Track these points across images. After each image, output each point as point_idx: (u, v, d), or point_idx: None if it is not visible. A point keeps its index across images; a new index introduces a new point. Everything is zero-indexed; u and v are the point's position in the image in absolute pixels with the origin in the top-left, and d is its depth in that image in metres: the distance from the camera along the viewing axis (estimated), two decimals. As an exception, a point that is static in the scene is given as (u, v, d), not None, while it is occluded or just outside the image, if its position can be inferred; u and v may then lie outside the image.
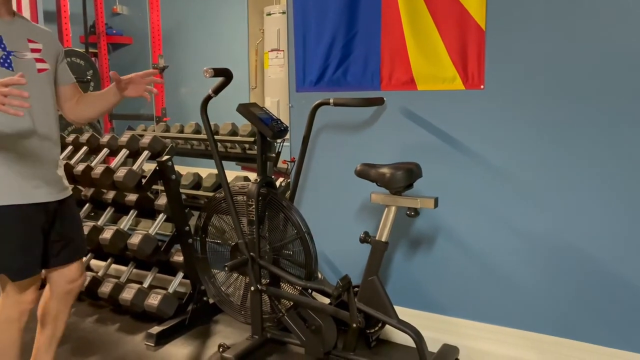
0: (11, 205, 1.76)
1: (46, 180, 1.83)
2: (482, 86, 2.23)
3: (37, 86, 1.79)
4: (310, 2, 2.58)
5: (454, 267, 2.40)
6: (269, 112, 2.40)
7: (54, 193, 1.86)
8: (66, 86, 1.95)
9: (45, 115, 1.83)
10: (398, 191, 2.07)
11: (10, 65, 1.74)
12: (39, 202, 1.81)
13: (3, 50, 1.73)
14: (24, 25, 1.85)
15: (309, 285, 2.27)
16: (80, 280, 2.03)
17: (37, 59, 1.82)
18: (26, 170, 1.78)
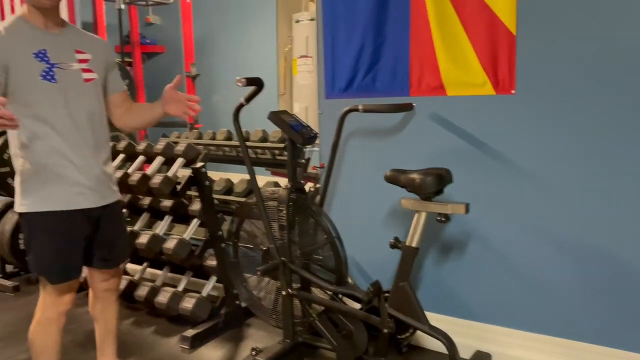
0: (54, 211, 1.84)
1: (89, 187, 1.90)
2: (512, 91, 2.22)
3: (82, 95, 1.88)
4: (339, 9, 2.61)
5: (486, 273, 2.39)
6: (299, 119, 2.44)
7: (97, 199, 1.93)
8: (116, 94, 2.03)
9: (91, 123, 1.90)
10: (428, 197, 2.07)
11: (53, 78, 1.81)
12: (81, 208, 1.88)
13: (47, 63, 1.81)
14: (73, 36, 1.93)
15: (340, 290, 2.29)
16: (114, 279, 2.12)
17: (84, 69, 1.89)
18: (70, 177, 1.85)
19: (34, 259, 1.89)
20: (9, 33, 1.78)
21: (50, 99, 1.81)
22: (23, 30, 1.81)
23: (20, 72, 1.76)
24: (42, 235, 1.86)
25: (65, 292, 1.93)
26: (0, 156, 3.46)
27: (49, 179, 1.83)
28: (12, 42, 1.77)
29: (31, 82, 1.78)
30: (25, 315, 3.04)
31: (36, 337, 1.96)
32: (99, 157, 1.94)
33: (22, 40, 1.79)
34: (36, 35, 1.82)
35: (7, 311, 3.15)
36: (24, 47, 1.78)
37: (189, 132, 4.42)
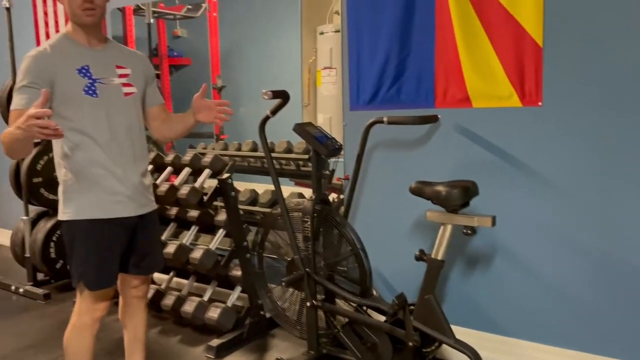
0: (95, 219, 1.91)
1: (128, 196, 1.96)
2: (539, 103, 2.20)
3: (122, 109, 1.95)
4: (364, 22, 2.63)
5: (513, 287, 2.36)
6: (324, 131, 2.46)
7: (134, 208, 1.99)
8: (154, 107, 2.12)
9: (130, 135, 1.97)
10: (454, 209, 2.06)
11: (95, 92, 1.89)
12: (120, 216, 1.95)
13: (89, 78, 1.89)
14: (114, 51, 2.01)
15: (364, 302, 2.29)
16: (143, 285, 2.17)
17: (124, 84, 1.97)
18: (109, 187, 1.92)
19: (75, 266, 1.96)
20: (54, 50, 1.87)
21: (92, 112, 1.89)
22: (67, 47, 1.90)
23: (64, 87, 1.84)
24: (82, 242, 1.93)
25: (101, 299, 1.99)
26: (33, 167, 3.57)
27: (90, 188, 1.90)
28: (57, 58, 1.85)
29: (74, 97, 1.86)
30: (56, 323, 3.13)
31: (71, 342, 2.02)
32: (137, 168, 2.00)
33: (66, 56, 1.87)
34: (79, 51, 1.91)
35: (38, 319, 3.23)
36: (68, 63, 1.87)
37: (215, 143, 4.48)
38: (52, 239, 3.57)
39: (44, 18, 4.15)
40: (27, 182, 3.54)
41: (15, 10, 3.64)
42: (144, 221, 2.04)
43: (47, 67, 1.82)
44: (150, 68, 2.13)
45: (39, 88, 1.75)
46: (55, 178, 3.57)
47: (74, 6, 1.85)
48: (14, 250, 3.79)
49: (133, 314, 2.19)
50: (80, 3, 1.84)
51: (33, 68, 1.81)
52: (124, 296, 2.18)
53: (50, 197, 3.65)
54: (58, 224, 3.58)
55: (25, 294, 3.57)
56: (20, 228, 3.71)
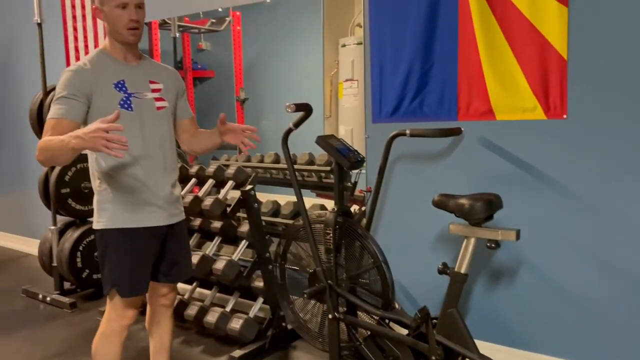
0: (128, 228, 1.96)
1: (159, 206, 2.02)
2: (564, 116, 2.18)
3: (155, 122, 2.01)
4: (386, 34, 2.65)
5: (539, 301, 2.33)
6: (346, 143, 2.47)
7: (165, 218, 2.04)
8: (184, 120, 2.18)
9: (162, 148, 2.03)
10: (478, 222, 2.05)
11: (130, 106, 1.96)
12: (152, 225, 2.00)
13: (124, 92, 1.95)
14: (148, 67, 2.07)
15: (387, 315, 2.28)
16: (170, 294, 2.21)
17: (156, 98, 2.04)
18: (142, 197, 1.98)
19: (107, 273, 2.00)
20: (93, 65, 1.93)
21: (127, 125, 1.92)
22: (104, 63, 1.96)
23: (101, 100, 1.91)
24: (115, 250, 1.98)
25: (130, 306, 2.04)
26: (62, 178, 3.65)
27: (123, 198, 1.96)
28: (95, 73, 1.92)
29: (111, 110, 1.89)
30: (82, 332, 3.18)
31: (99, 349, 2.06)
32: (168, 179, 2.06)
33: (104, 72, 1.94)
34: (116, 67, 1.97)
35: (64, 327, 3.29)
36: (105, 78, 1.93)
37: (238, 154, 4.53)
38: (79, 249, 3.64)
39: (74, 33, 4.27)
40: (56, 192, 3.63)
41: (46, 26, 3.75)
42: (174, 230, 2.09)
43: (86, 81, 1.89)
44: (181, 82, 2.19)
45: (78, 100, 1.85)
46: (83, 189, 3.65)
47: (120, 25, 1.91)
48: (42, 259, 3.88)
49: (160, 323, 2.23)
50: (127, 22, 1.90)
51: (73, 81, 1.87)
52: (152, 304, 2.22)
53: (78, 207, 3.73)
54: (85, 234, 3.66)
55: (52, 303, 3.64)
56: (48, 238, 3.79)
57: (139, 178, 1.97)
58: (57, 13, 4.29)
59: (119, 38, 1.95)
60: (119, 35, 1.94)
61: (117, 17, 1.90)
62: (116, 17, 1.90)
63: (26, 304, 3.71)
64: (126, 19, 1.90)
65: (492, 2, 2.30)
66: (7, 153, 5.24)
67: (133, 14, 1.90)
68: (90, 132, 1.61)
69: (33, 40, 4.15)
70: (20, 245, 5.19)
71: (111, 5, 1.90)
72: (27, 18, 4.34)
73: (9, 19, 4.87)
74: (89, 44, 4.19)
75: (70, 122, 1.84)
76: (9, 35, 4.92)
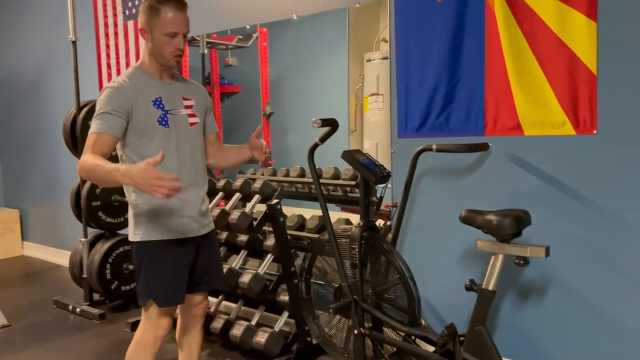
0: (163, 240, 2.03)
1: (192, 218, 2.09)
2: (594, 131, 2.15)
3: (188, 138, 2.09)
4: (412, 49, 2.66)
5: (569, 320, 2.28)
6: (372, 158, 2.47)
7: (198, 228, 2.11)
8: (211, 135, 2.25)
9: (194, 162, 2.11)
10: (506, 239, 2.03)
11: (167, 123, 2.03)
12: (186, 237, 2.07)
13: (162, 109, 2.02)
14: (181, 84, 2.15)
15: (413, 332, 2.26)
16: (202, 304, 2.26)
17: (189, 115, 2.11)
18: (176, 210, 2.04)
19: (144, 284, 2.06)
20: (132, 82, 1.99)
21: (164, 141, 2.02)
22: (143, 80, 2.03)
23: (141, 116, 1.97)
24: (152, 261, 2.04)
25: (165, 317, 2.08)
26: (93, 191, 3.74)
27: (159, 211, 2.03)
28: (135, 90, 1.98)
29: (149, 127, 1.99)
30: (110, 343, 3.23)
31: (132, 359, 2.11)
32: (199, 193, 2.13)
33: (143, 89, 2.01)
34: (153, 84, 2.04)
35: (93, 338, 3.35)
36: (144, 95, 2.00)
37: (264, 169, 4.57)
38: (108, 261, 3.71)
39: (106, 50, 4.40)
40: (87, 205, 3.71)
41: (80, 43, 3.87)
42: (205, 240, 2.17)
43: (127, 97, 1.95)
44: (209, 98, 2.26)
45: (119, 116, 1.92)
46: (113, 202, 3.72)
47: (167, 52, 1.98)
48: (72, 271, 3.96)
49: (190, 334, 2.27)
50: (174, 50, 1.97)
51: (114, 98, 1.93)
52: (184, 316, 2.27)
53: (108, 220, 3.81)
54: (114, 247, 3.73)
55: (82, 314, 3.71)
56: (79, 249, 3.88)
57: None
58: (90, 31, 4.43)
59: (162, 61, 2.02)
60: (163, 59, 2.01)
61: (165, 44, 1.97)
62: (164, 44, 1.97)
63: (57, 314, 3.79)
64: (173, 47, 1.97)
65: (519, 16, 2.29)
66: (40, 167, 5.40)
67: (180, 43, 1.98)
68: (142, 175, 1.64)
69: (67, 58, 4.29)
70: (51, 257, 5.31)
71: (161, 32, 1.96)
72: (62, 36, 4.50)
73: (45, 37, 5.04)
74: (121, 60, 4.31)
75: (110, 137, 1.91)
76: (45, 53, 5.09)
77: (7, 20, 5.53)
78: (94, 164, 1.79)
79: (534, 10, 2.25)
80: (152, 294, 2.04)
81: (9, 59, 5.60)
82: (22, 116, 5.50)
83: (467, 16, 2.44)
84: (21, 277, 4.87)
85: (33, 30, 5.19)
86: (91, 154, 1.84)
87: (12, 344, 3.29)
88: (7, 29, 5.56)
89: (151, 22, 1.96)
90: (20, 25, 5.35)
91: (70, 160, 4.36)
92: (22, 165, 5.60)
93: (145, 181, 1.65)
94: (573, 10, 2.15)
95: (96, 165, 1.79)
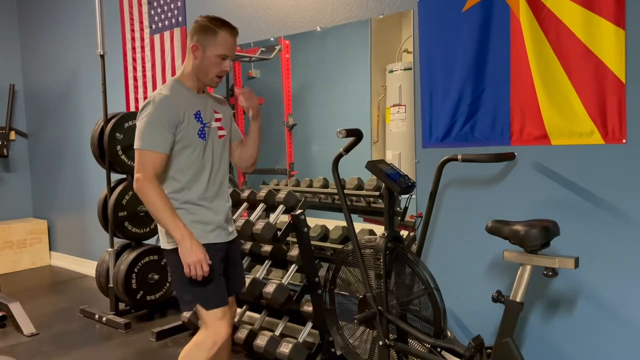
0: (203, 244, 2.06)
1: (220, 225, 2.17)
2: (623, 140, 2.12)
3: (219, 149, 2.16)
4: (436, 59, 2.66)
5: (599, 332, 2.23)
6: (396, 168, 2.47)
7: (226, 235, 2.20)
8: (236, 142, 2.32)
9: (223, 171, 2.20)
10: (534, 250, 1.99)
11: (205, 136, 2.10)
12: (218, 242, 2.14)
13: (201, 123, 2.09)
14: (210, 98, 2.21)
15: (439, 344, 2.24)
16: (233, 307, 2.34)
17: (219, 127, 2.17)
18: (208, 217, 2.12)
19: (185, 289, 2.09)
20: (177, 96, 2.05)
21: (202, 154, 2.10)
22: (183, 93, 2.08)
23: (185, 130, 2.04)
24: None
25: (223, 321, 2.10)
26: (119, 202, 3.80)
27: (194, 219, 2.09)
28: (179, 103, 2.04)
29: (191, 139, 2.06)
30: (135, 352, 3.26)
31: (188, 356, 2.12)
32: (225, 202, 2.22)
33: (185, 102, 2.06)
34: (192, 98, 2.10)
35: (119, 347, 3.39)
36: (187, 108, 2.05)
37: (288, 179, 4.59)
38: (134, 271, 3.75)
39: (133, 64, 4.49)
40: (113, 215, 3.77)
41: (107, 57, 3.97)
42: (232, 246, 2.24)
43: (175, 111, 2.01)
44: (231, 110, 2.32)
45: (171, 132, 2.00)
46: (139, 212, 3.78)
47: (212, 71, 2.06)
48: (99, 280, 4.02)
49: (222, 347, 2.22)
50: (220, 71, 2.05)
51: (166, 111, 1.99)
52: None
53: (134, 230, 3.86)
54: (140, 256, 3.77)
55: (108, 323, 3.75)
56: (105, 259, 3.94)
57: (207, 200, 2.12)
58: (117, 45, 4.54)
59: (205, 80, 2.09)
60: (207, 78, 2.08)
61: (214, 65, 2.04)
62: (213, 64, 2.04)
63: (83, 323, 3.84)
64: (220, 69, 2.05)
65: (544, 25, 2.28)
66: (68, 178, 5.51)
67: (227, 66, 2.05)
68: (198, 254, 1.96)
69: (95, 71, 4.40)
70: (78, 267, 5.41)
71: (214, 53, 2.03)
72: (90, 50, 4.61)
73: (74, 51, 5.18)
74: (147, 73, 4.40)
75: (165, 156, 2.00)
76: (73, 67, 5.23)
77: (37, 34, 5.70)
78: (164, 203, 1.96)
79: (560, 18, 2.23)
80: (197, 298, 2.08)
81: (38, 73, 5.76)
82: (51, 128, 5.64)
83: (492, 25, 2.43)
84: (49, 287, 4.96)
85: (62, 44, 5.33)
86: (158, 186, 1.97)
87: (40, 352, 3.34)
88: (37, 43, 5.73)
89: (205, 41, 2.03)
90: (50, 39, 5.51)
91: (97, 171, 4.45)
92: (50, 177, 5.73)
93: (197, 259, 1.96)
94: (600, 18, 2.13)
95: (164, 204, 1.96)
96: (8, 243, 5.46)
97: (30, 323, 3.71)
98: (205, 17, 2.08)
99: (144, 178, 1.96)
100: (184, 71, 2.12)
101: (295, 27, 3.42)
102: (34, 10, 5.66)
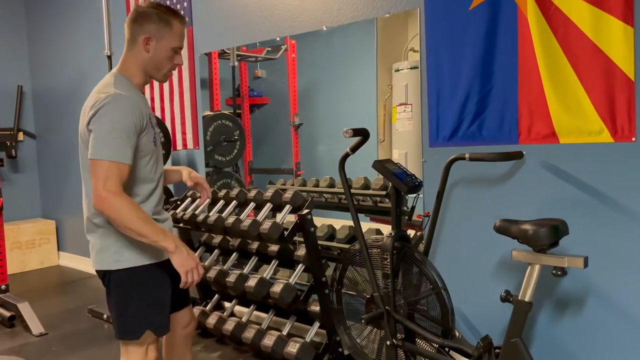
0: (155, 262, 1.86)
1: None
2: (633, 138, 2.10)
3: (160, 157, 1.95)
4: (443, 58, 2.64)
5: (609, 332, 2.21)
6: (403, 168, 2.46)
7: None
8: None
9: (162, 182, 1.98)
10: (542, 249, 1.98)
11: (156, 142, 1.88)
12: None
13: (153, 128, 1.87)
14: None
15: (447, 344, 2.23)
16: (192, 323, 2.16)
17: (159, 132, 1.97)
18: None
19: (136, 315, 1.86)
20: (132, 95, 1.79)
21: (155, 163, 1.89)
22: (136, 94, 1.84)
23: (146, 136, 1.80)
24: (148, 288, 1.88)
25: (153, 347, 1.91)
26: (126, 201, 3.80)
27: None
28: (140, 105, 1.79)
29: (149, 147, 1.83)
30: None
31: None
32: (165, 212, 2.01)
33: (141, 105, 1.81)
34: (142, 98, 1.87)
35: None
36: (145, 113, 1.80)
37: (294, 179, 4.59)
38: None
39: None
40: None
41: (115, 57, 3.98)
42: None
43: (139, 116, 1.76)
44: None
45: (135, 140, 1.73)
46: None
47: (165, 66, 1.86)
48: (107, 279, 4.03)
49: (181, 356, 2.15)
50: (173, 66, 1.87)
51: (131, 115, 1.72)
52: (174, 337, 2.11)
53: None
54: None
55: (116, 322, 3.77)
56: (113, 259, 3.94)
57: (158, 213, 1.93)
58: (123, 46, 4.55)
59: (155, 75, 1.88)
60: (158, 73, 1.87)
61: (167, 58, 1.84)
62: (166, 58, 1.84)
63: (91, 323, 3.86)
64: (174, 62, 1.86)
65: (552, 23, 2.26)
66: (76, 179, 5.54)
67: (181, 59, 1.87)
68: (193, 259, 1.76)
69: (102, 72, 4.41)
70: (86, 267, 5.43)
71: (169, 45, 1.82)
72: (97, 51, 4.63)
73: (81, 52, 5.20)
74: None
75: (130, 168, 1.73)
76: (81, 68, 5.25)
77: (45, 36, 5.73)
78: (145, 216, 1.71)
79: (568, 16, 2.22)
80: (150, 324, 1.85)
81: (46, 74, 5.79)
82: (59, 129, 5.67)
83: (500, 23, 2.41)
84: (57, 287, 4.99)
85: (70, 45, 5.36)
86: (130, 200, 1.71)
87: (49, 352, 3.36)
88: (45, 44, 5.76)
89: (158, 33, 1.80)
90: (58, 41, 5.54)
91: (104, 171, 4.45)
92: (59, 177, 5.76)
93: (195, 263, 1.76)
94: (609, 15, 2.11)
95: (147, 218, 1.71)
96: (17, 243, 5.49)
97: (39, 323, 3.73)
98: (151, 5, 1.82)
99: (113, 194, 1.65)
100: (127, 66, 1.85)
101: (301, 26, 3.42)
102: (42, 12, 5.69)
